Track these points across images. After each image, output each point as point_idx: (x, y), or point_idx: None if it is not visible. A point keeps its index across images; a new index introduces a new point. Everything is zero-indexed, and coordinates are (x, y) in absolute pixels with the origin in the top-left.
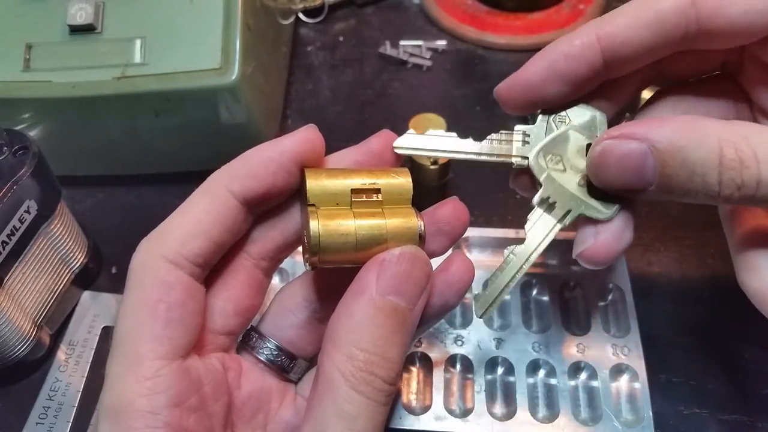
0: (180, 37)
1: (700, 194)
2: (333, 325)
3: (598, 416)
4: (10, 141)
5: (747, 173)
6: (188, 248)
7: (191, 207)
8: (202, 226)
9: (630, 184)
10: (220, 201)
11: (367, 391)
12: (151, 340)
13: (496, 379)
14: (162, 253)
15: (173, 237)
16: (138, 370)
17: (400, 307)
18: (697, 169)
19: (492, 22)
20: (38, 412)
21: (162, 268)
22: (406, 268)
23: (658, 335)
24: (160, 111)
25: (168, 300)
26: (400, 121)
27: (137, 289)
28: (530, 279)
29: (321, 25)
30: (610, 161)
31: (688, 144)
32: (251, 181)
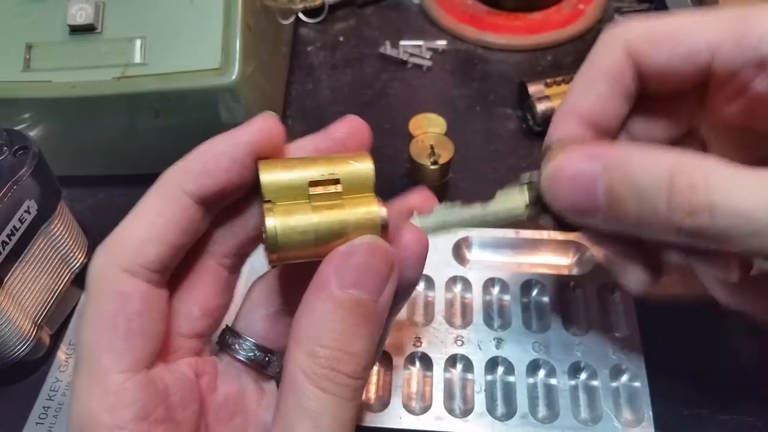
0: (180, 37)
1: (651, 222)
2: (295, 323)
3: (598, 416)
4: (10, 141)
5: (696, 198)
6: (144, 255)
7: (144, 210)
8: (156, 231)
9: (580, 205)
10: (175, 202)
11: (331, 387)
12: (113, 354)
13: (496, 379)
14: (117, 262)
15: (127, 244)
16: (101, 385)
17: (362, 299)
18: (646, 194)
19: (492, 22)
20: (38, 412)
21: (118, 278)
22: (364, 259)
23: (658, 335)
24: (160, 111)
25: (126, 311)
26: (400, 121)
27: (95, 300)
28: (530, 279)
29: (321, 25)
30: (561, 179)
31: (639, 167)
32: (205, 179)
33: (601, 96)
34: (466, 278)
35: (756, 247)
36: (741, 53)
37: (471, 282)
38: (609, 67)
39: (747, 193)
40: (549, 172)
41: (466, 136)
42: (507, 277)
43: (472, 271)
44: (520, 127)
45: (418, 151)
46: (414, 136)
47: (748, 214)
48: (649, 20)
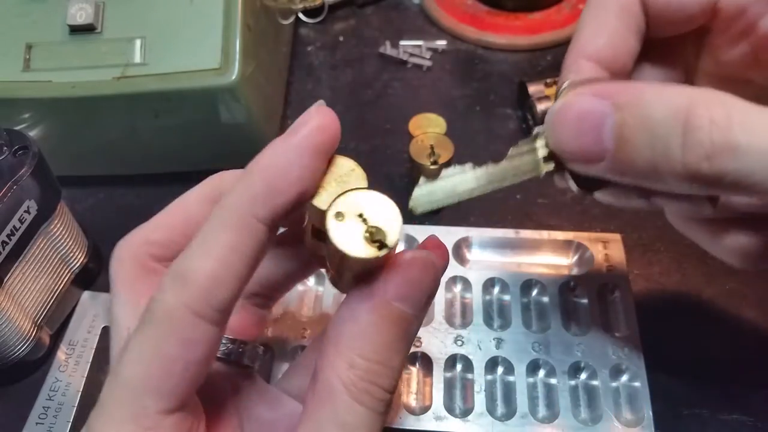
0: (180, 37)
1: (662, 169)
2: (336, 327)
3: (598, 416)
4: (10, 141)
5: (719, 135)
6: (217, 297)
7: (214, 245)
8: (231, 269)
9: (585, 148)
10: (248, 234)
11: (368, 401)
12: (159, 397)
13: (496, 379)
14: (187, 303)
15: (199, 284)
16: (139, 420)
17: (405, 314)
18: (659, 131)
19: (492, 22)
20: (38, 412)
21: (188, 322)
22: (415, 275)
23: (658, 335)
24: (160, 111)
25: (187, 359)
26: (401, 121)
27: (155, 338)
28: (530, 279)
29: (321, 25)
30: (568, 118)
31: (653, 102)
32: (279, 199)
33: (614, 32)
34: (466, 278)
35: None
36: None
37: (471, 282)
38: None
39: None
40: (554, 110)
41: (466, 136)
42: (507, 277)
43: (472, 271)
44: (520, 127)
45: (418, 151)
46: (414, 136)
47: None
48: None
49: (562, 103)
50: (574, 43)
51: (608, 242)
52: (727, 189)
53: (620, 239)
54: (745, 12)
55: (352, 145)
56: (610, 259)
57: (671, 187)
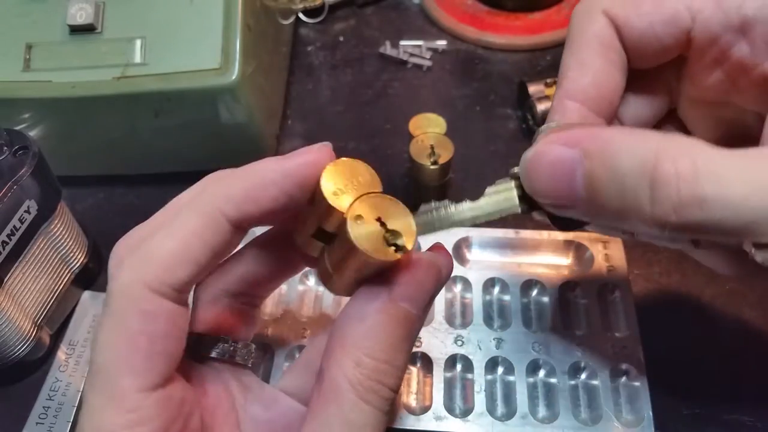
0: (180, 37)
1: (632, 217)
2: (342, 326)
3: (598, 416)
4: (10, 141)
5: (685, 187)
6: (174, 275)
7: (179, 228)
8: (190, 252)
9: (559, 194)
10: (213, 224)
11: (374, 400)
12: (132, 374)
13: (496, 379)
14: (144, 280)
15: (158, 262)
16: (119, 403)
17: (410, 314)
18: (628, 182)
19: (492, 22)
20: (38, 412)
21: (144, 297)
22: (421, 276)
23: (658, 335)
24: (160, 111)
25: (149, 332)
26: (400, 121)
27: (117, 317)
28: (530, 279)
29: (321, 25)
30: (540, 167)
31: (620, 152)
32: (249, 206)
33: (598, 70)
34: (466, 278)
35: (751, 236)
36: (723, 16)
37: (471, 282)
38: (597, 36)
39: (739, 180)
40: (527, 158)
41: (466, 136)
42: (507, 277)
43: (472, 271)
44: (520, 127)
45: (418, 151)
46: (414, 136)
47: (743, 204)
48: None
49: (534, 151)
50: (558, 85)
51: (608, 242)
52: (697, 235)
53: (620, 240)
54: (717, 41)
55: (352, 145)
56: (611, 259)
57: (641, 230)
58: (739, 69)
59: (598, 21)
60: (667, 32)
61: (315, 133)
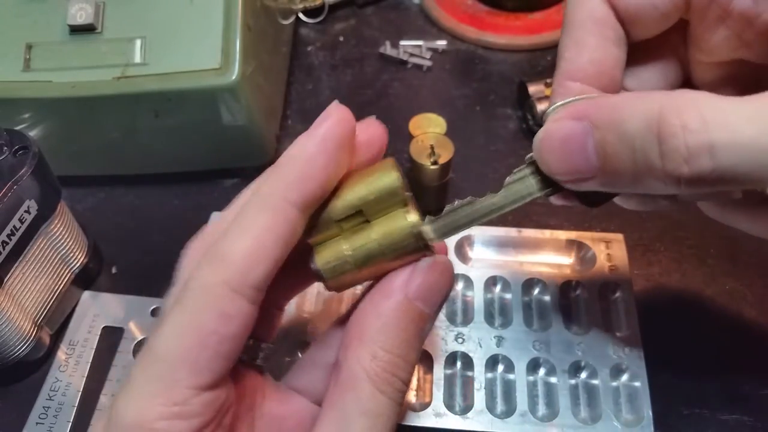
0: (180, 37)
1: (647, 177)
2: (359, 321)
3: (597, 415)
4: (10, 141)
5: (692, 138)
6: (254, 275)
7: (251, 226)
8: (266, 249)
9: (576, 169)
10: (282, 216)
11: (389, 391)
12: (192, 370)
13: (496, 376)
14: (225, 280)
15: (237, 262)
16: (169, 394)
17: (424, 313)
18: (637, 143)
19: (492, 22)
20: (38, 412)
21: (225, 296)
22: (436, 278)
23: (659, 335)
24: (160, 111)
25: (223, 333)
26: (400, 121)
27: (193, 313)
28: (532, 278)
29: (321, 25)
30: (553, 145)
31: (626, 115)
32: (308, 184)
33: (594, 47)
34: (468, 276)
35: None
36: None
37: (473, 280)
38: (591, 14)
39: (748, 122)
40: (539, 138)
41: (466, 136)
42: (508, 276)
43: (474, 269)
44: (520, 127)
45: (418, 151)
46: (414, 136)
47: (754, 145)
48: None
49: (544, 130)
50: (557, 68)
51: (611, 242)
52: (714, 186)
53: (623, 239)
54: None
55: None
56: (613, 259)
57: (662, 190)
58: (743, 22)
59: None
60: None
61: None
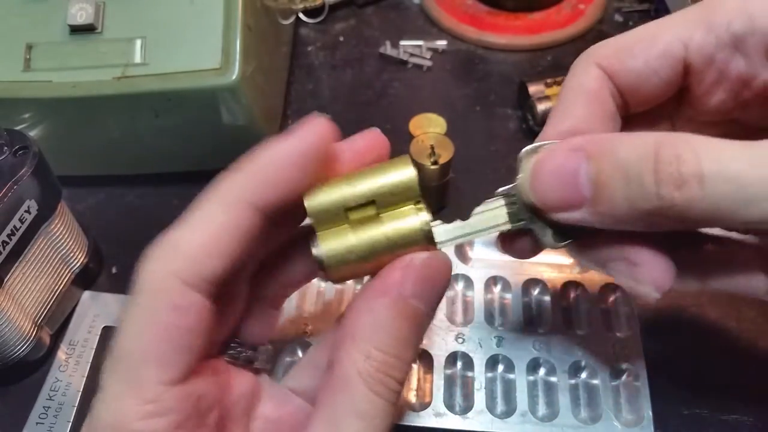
0: (180, 37)
1: (639, 201)
2: (352, 319)
3: (598, 415)
4: (10, 141)
5: (686, 167)
6: (207, 268)
7: (207, 220)
8: (221, 243)
9: (565, 198)
10: (241, 214)
11: (383, 391)
12: (156, 366)
13: (496, 376)
14: (176, 272)
15: (189, 255)
16: (139, 393)
17: (419, 310)
18: (632, 171)
19: (492, 22)
20: (38, 412)
21: (176, 289)
22: (431, 273)
23: (659, 335)
24: (160, 111)
25: (179, 325)
26: (401, 121)
27: (147, 308)
28: (532, 278)
29: (321, 25)
30: (545, 172)
31: (622, 147)
32: (273, 190)
33: (581, 119)
34: (468, 276)
35: (754, 216)
36: (714, 37)
37: (473, 280)
38: (582, 87)
39: (736, 159)
40: (531, 168)
41: (466, 136)
42: (509, 276)
43: (474, 269)
44: (520, 127)
45: (418, 151)
46: (414, 136)
47: (740, 179)
48: (618, 36)
49: (537, 159)
50: (543, 131)
51: None
52: (704, 218)
53: None
54: (713, 61)
55: None
56: None
57: (654, 221)
58: (740, 84)
59: (588, 73)
60: (664, 65)
61: None
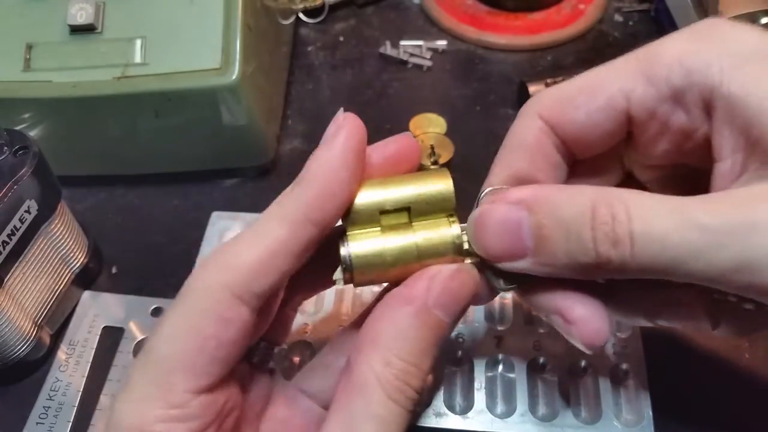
0: (180, 37)
1: (579, 256)
2: (374, 326)
3: (598, 415)
4: (10, 141)
5: (619, 227)
6: (259, 284)
7: (266, 236)
8: (276, 260)
9: (508, 249)
10: (301, 232)
11: (400, 398)
12: (190, 374)
13: (496, 376)
14: (228, 285)
15: (244, 269)
16: (167, 397)
17: (442, 322)
18: (572, 227)
19: (492, 22)
20: (38, 412)
21: (225, 301)
22: (457, 286)
23: (659, 335)
24: (160, 111)
25: (221, 338)
26: (401, 121)
27: (191, 315)
28: None
29: (321, 25)
30: (487, 225)
31: (562, 203)
32: (331, 201)
33: (520, 168)
34: None
35: (681, 276)
36: (654, 90)
37: None
38: (526, 140)
39: (664, 220)
40: (473, 219)
41: (466, 136)
42: None
43: None
44: None
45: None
46: (414, 136)
47: (664, 239)
48: (560, 85)
49: (479, 212)
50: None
51: None
52: (637, 275)
53: None
54: (655, 114)
55: None
56: None
57: (590, 274)
58: (682, 135)
59: (529, 125)
60: (606, 118)
61: (315, 133)
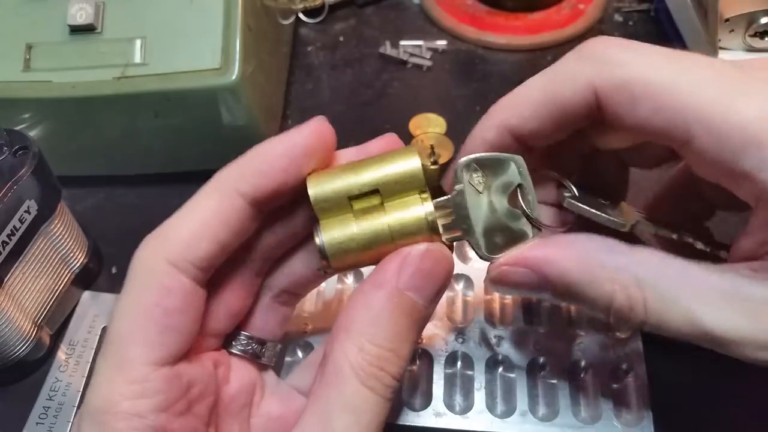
0: (180, 37)
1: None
2: (348, 313)
3: (597, 415)
4: (10, 141)
5: (635, 316)
6: (193, 251)
7: (197, 207)
8: (209, 229)
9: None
10: (229, 202)
11: (376, 386)
12: (144, 346)
13: (496, 376)
14: (165, 255)
15: (177, 238)
16: (126, 374)
17: (417, 304)
18: (588, 304)
19: (492, 22)
20: (38, 412)
21: (163, 270)
22: (429, 265)
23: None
24: (160, 111)
25: (166, 305)
26: (400, 121)
27: (135, 290)
28: None
29: (321, 25)
30: (506, 285)
31: (581, 282)
32: (261, 180)
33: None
34: (468, 276)
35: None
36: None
37: (473, 280)
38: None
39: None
40: (492, 278)
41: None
42: None
43: (474, 269)
44: None
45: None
46: (414, 136)
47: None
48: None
49: (497, 274)
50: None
51: None
52: None
53: None
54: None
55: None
56: None
57: None
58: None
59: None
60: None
61: None
